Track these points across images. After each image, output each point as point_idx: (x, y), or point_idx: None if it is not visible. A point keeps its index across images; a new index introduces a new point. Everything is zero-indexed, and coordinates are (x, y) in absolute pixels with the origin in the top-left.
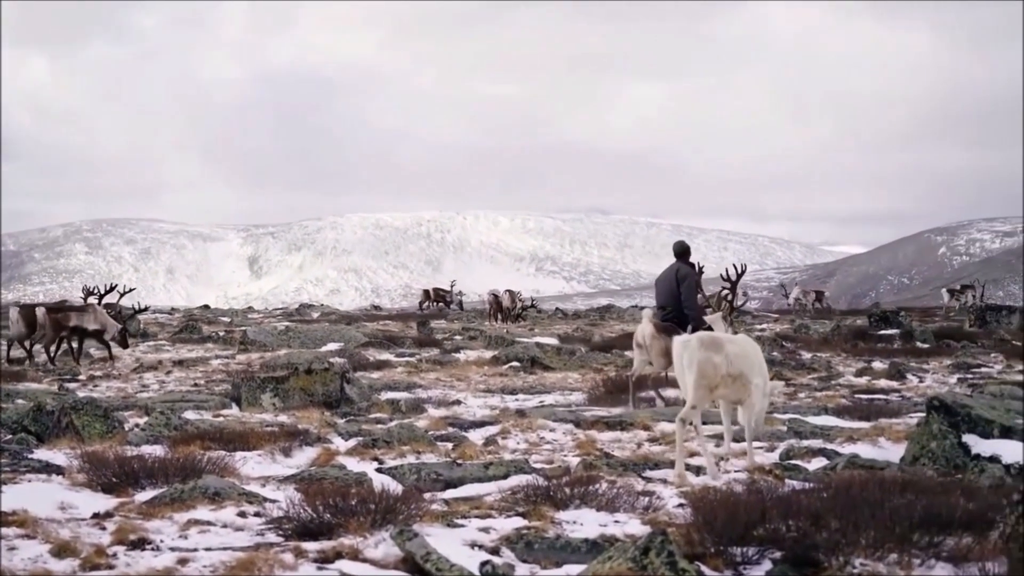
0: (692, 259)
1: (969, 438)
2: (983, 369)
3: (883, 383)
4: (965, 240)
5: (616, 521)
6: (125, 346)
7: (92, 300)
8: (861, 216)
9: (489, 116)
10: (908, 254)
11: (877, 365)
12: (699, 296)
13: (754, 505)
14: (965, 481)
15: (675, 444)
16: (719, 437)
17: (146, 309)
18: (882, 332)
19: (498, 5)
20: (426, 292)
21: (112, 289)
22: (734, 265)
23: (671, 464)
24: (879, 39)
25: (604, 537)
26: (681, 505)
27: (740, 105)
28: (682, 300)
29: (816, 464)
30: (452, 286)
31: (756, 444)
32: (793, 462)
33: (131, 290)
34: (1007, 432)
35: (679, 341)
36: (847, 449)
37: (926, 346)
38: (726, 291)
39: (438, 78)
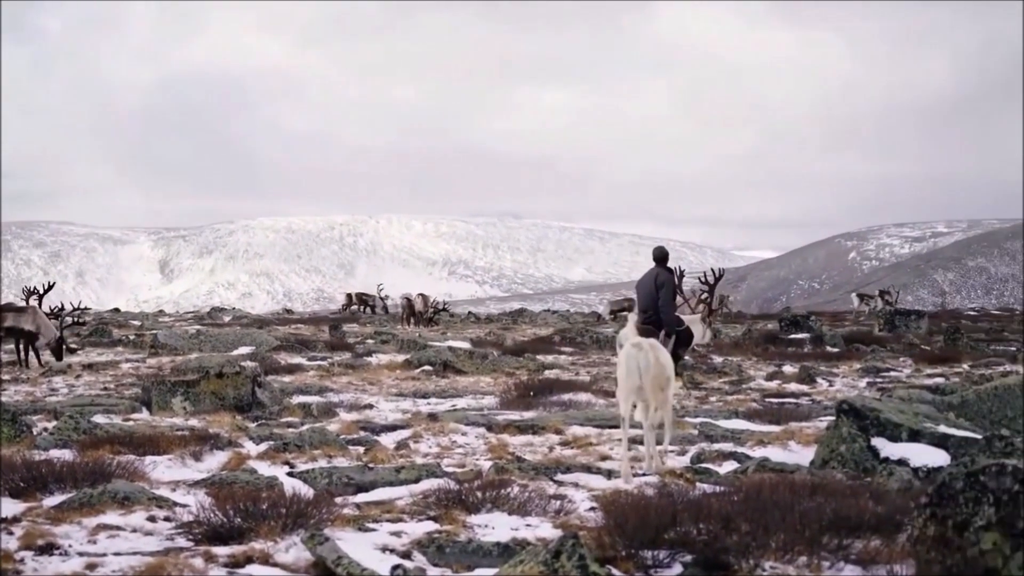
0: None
1: (878, 441)
2: (892, 373)
3: (793, 387)
4: (875, 245)
5: (528, 525)
6: (59, 358)
7: (33, 301)
8: (772, 221)
9: (401, 120)
10: (819, 259)
11: (788, 369)
12: (682, 299)
13: (665, 508)
14: (874, 484)
15: (589, 448)
16: (631, 440)
17: (83, 314)
18: (792, 336)
19: (408, 8)
20: (349, 296)
21: (52, 287)
22: (712, 269)
23: (583, 468)
24: (789, 46)
25: (516, 541)
26: (593, 508)
27: (652, 110)
28: (659, 304)
29: (727, 467)
30: (379, 289)
31: (669, 448)
32: (704, 465)
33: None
34: (915, 436)
35: (633, 344)
36: (758, 452)
37: (836, 350)
38: (704, 294)
39: (349, 81)
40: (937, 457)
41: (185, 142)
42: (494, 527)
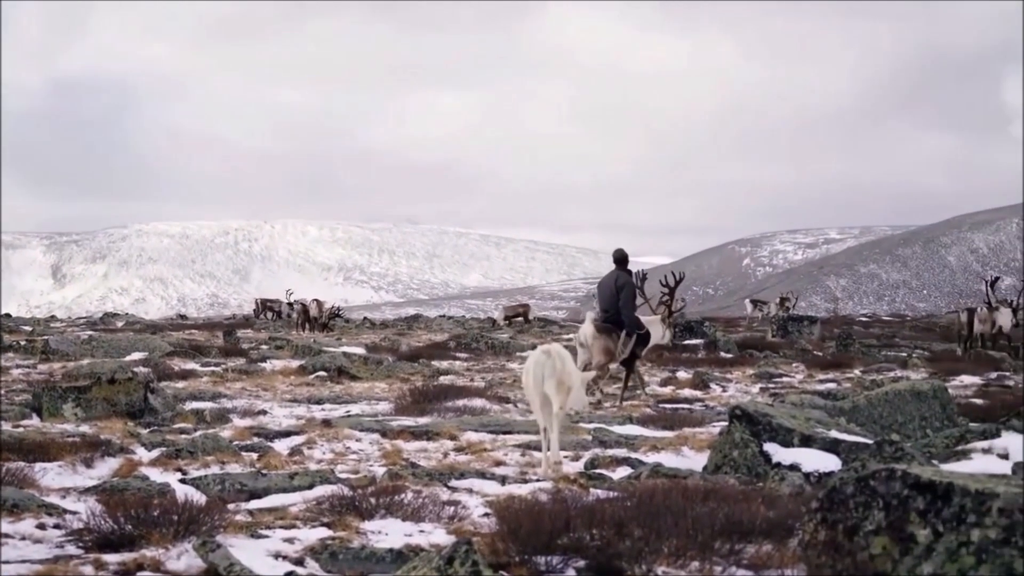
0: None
1: (770, 447)
2: (785, 379)
3: (687, 392)
4: (768, 251)
5: (421, 531)
6: None
7: None
8: (667, 227)
9: (295, 124)
10: (713, 265)
11: (681, 375)
12: (644, 300)
13: (559, 514)
14: (766, 489)
15: (484, 454)
16: (526, 446)
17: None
18: (687, 342)
19: (301, 11)
20: (257, 302)
21: None
22: (672, 273)
23: (477, 474)
24: (682, 52)
25: (409, 547)
26: (487, 514)
27: (545, 116)
28: (620, 305)
29: (621, 473)
30: (288, 295)
31: (564, 454)
32: (598, 471)
33: None
34: (807, 441)
35: (541, 351)
36: (651, 458)
37: (730, 356)
38: (665, 297)
39: (242, 84)
40: (828, 462)
41: (77, 146)
42: (388, 533)
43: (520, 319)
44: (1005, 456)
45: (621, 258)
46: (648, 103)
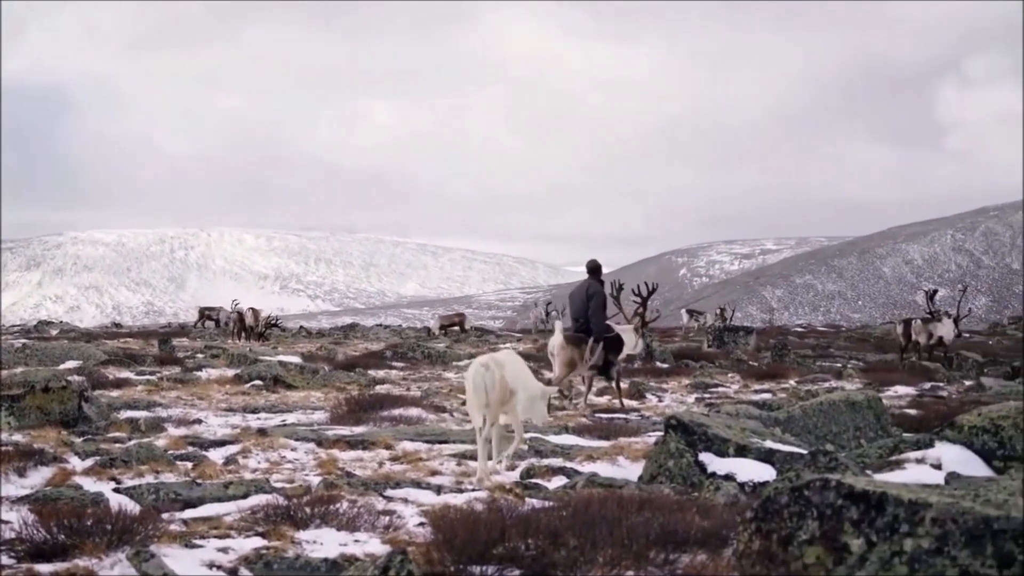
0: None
1: (705, 457)
2: (720, 389)
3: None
4: (705, 262)
5: (356, 540)
6: None
7: None
8: (603, 237)
9: (232, 132)
10: (650, 275)
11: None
12: (618, 310)
13: (494, 523)
14: (701, 499)
15: (419, 463)
16: (462, 456)
17: None
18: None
19: (236, 16)
20: (200, 310)
21: None
22: (646, 283)
23: (413, 483)
24: (617, 62)
25: (344, 556)
26: (422, 524)
27: (482, 125)
28: (589, 314)
29: (556, 483)
30: (235, 304)
31: (499, 463)
32: (534, 480)
33: None
34: (742, 451)
35: (478, 363)
36: (587, 468)
37: (666, 366)
38: (638, 306)
39: (177, 91)
40: (763, 472)
41: (10, 153)
42: (323, 543)
43: (456, 328)
44: (938, 466)
45: (593, 268)
46: (584, 112)
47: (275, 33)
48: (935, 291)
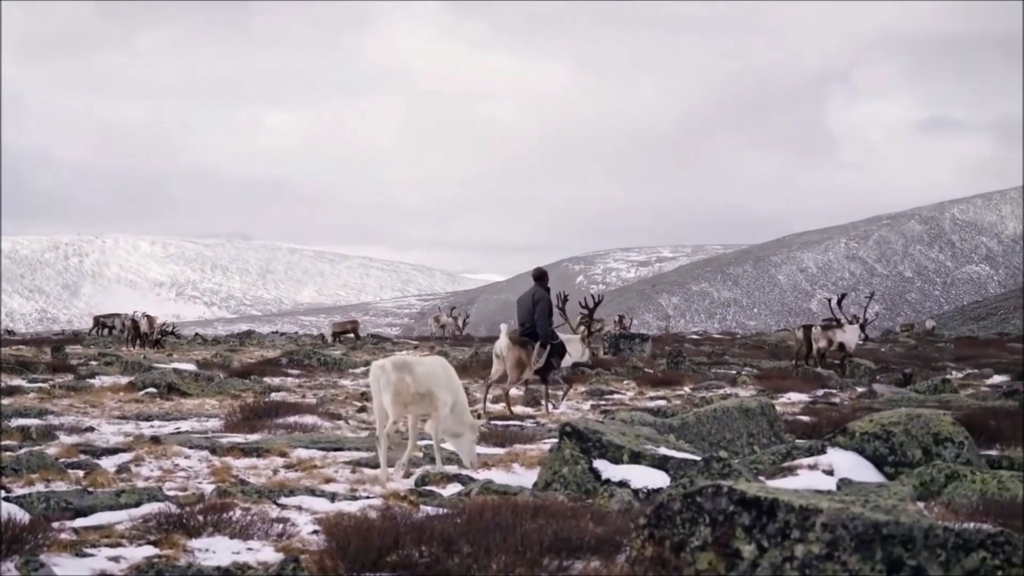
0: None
1: (600, 463)
2: (616, 396)
3: (519, 409)
4: (602, 269)
5: (250, 548)
6: None
7: None
8: (501, 245)
9: (126, 138)
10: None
11: (513, 392)
12: (564, 320)
13: (388, 531)
14: (595, 506)
15: (314, 471)
16: (356, 463)
17: None
18: None
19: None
20: (96, 318)
21: None
22: (592, 295)
23: (307, 491)
24: (512, 71)
25: (237, 565)
26: (316, 532)
27: (379, 133)
28: (535, 319)
29: (451, 490)
30: (138, 315)
31: (392, 470)
32: (429, 488)
33: None
34: (636, 457)
35: (376, 366)
36: (482, 475)
37: (562, 373)
38: (584, 317)
39: (70, 97)
40: (657, 479)
41: None
42: (215, 551)
43: (350, 335)
44: (831, 472)
45: (539, 275)
46: (482, 120)
47: (169, 39)
48: (843, 296)
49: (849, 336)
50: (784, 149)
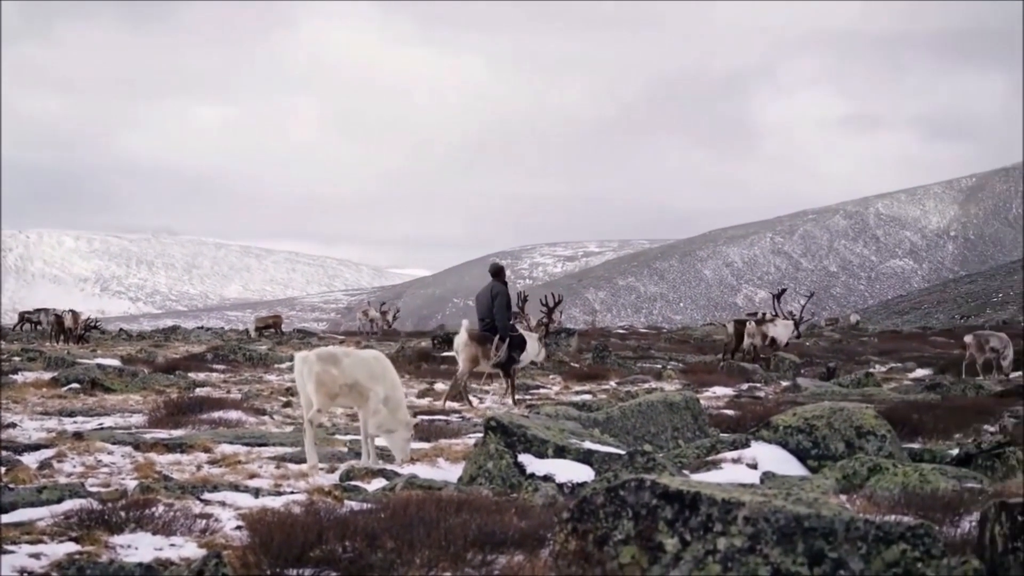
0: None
1: (525, 458)
2: (542, 390)
3: (445, 404)
4: (529, 264)
5: (172, 544)
6: None
7: None
8: (427, 240)
9: (49, 132)
10: (473, 277)
11: (439, 386)
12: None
13: (311, 526)
14: (520, 500)
15: (238, 467)
16: (281, 458)
17: None
18: (445, 354)
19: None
20: (21, 314)
21: None
22: (552, 294)
23: (231, 486)
24: (438, 67)
25: (159, 560)
26: (239, 527)
27: (304, 128)
28: (494, 313)
29: (376, 485)
30: (62, 311)
31: (320, 466)
32: (353, 483)
33: None
34: (561, 452)
35: (299, 357)
36: (406, 470)
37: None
38: (543, 316)
39: None
40: (582, 473)
41: None
42: (138, 547)
43: (272, 330)
44: (754, 466)
45: (497, 271)
46: (407, 117)
47: (90, 33)
48: (782, 291)
49: (781, 331)
50: (710, 145)
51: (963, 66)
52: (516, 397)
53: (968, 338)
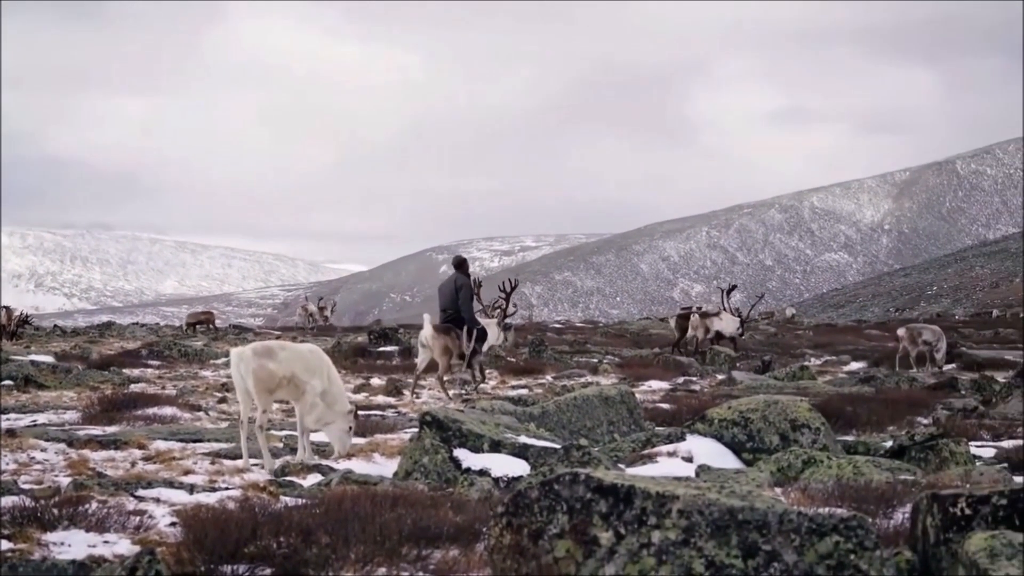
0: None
1: (460, 452)
2: (480, 385)
3: (380, 399)
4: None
5: (106, 541)
6: None
7: None
8: (363, 235)
9: None
10: (410, 272)
11: (375, 381)
12: (480, 306)
13: (245, 522)
14: (455, 495)
15: (173, 463)
16: (216, 454)
17: None
18: (382, 349)
19: None
20: None
21: None
22: (508, 280)
23: (165, 483)
24: (368, 62)
25: (92, 558)
26: (174, 524)
27: (238, 123)
28: (459, 305)
29: (311, 480)
30: (3, 309)
31: (253, 462)
32: (289, 478)
33: None
34: (497, 446)
35: (235, 353)
36: (342, 465)
37: None
38: (501, 302)
39: None
40: (517, 467)
41: None
42: (71, 544)
43: (204, 326)
44: (690, 459)
45: (460, 263)
46: (341, 111)
47: (19, 27)
48: (732, 287)
49: (727, 325)
50: (646, 139)
51: (894, 61)
52: (452, 392)
53: (901, 331)
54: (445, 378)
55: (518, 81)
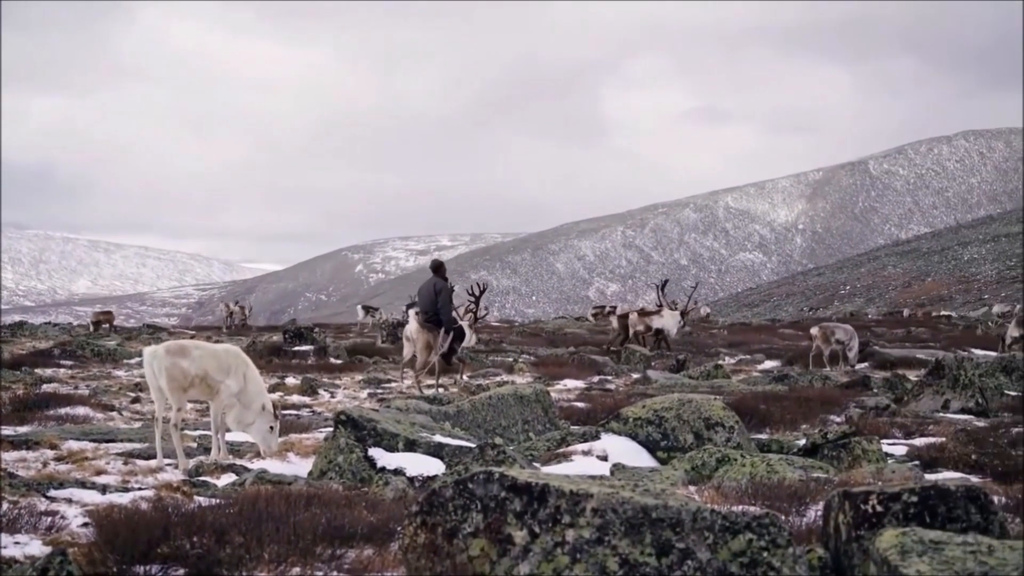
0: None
1: (375, 452)
2: (393, 384)
3: (295, 399)
4: (381, 258)
5: (17, 543)
6: None
7: None
8: (278, 234)
9: None
10: (326, 271)
11: (290, 381)
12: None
13: (158, 522)
14: (370, 494)
15: (85, 463)
16: (129, 454)
17: None
18: (297, 348)
19: None
20: None
21: None
22: (477, 284)
23: (77, 483)
24: (281, 61)
25: (3, 559)
26: (86, 524)
27: (151, 121)
28: (438, 307)
29: (225, 480)
30: None
31: (167, 461)
32: (203, 478)
33: None
34: (412, 445)
35: (148, 352)
36: (256, 465)
37: (339, 362)
38: (471, 304)
39: None
40: (432, 466)
41: None
42: None
43: (106, 325)
44: (604, 457)
45: (437, 266)
46: (253, 110)
47: None
48: (665, 282)
49: (668, 321)
50: (560, 139)
51: (808, 61)
52: (371, 391)
53: (814, 330)
54: (422, 372)
55: (434, 80)
